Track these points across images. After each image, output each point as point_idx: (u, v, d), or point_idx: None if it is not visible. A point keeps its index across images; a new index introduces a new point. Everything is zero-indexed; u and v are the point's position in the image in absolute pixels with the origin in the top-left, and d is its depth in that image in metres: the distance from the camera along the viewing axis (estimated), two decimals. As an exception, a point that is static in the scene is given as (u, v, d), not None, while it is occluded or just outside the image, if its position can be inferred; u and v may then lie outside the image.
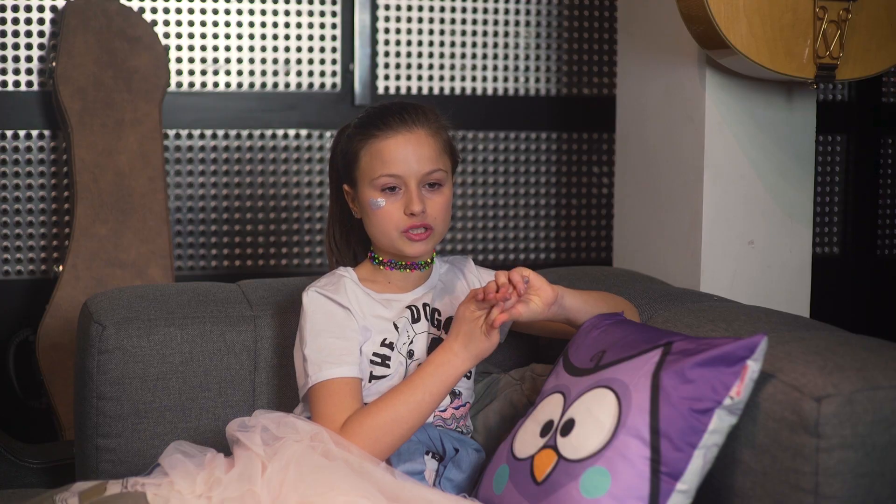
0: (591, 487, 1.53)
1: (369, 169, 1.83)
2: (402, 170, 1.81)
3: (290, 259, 3.22)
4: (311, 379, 1.76)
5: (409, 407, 1.72)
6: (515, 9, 3.32)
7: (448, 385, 1.74)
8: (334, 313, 1.81)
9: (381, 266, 1.89)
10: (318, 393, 1.75)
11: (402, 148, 1.82)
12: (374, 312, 1.84)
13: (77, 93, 2.89)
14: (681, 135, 2.54)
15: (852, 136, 3.57)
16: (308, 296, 1.83)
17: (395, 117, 1.84)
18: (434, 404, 1.74)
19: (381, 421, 1.70)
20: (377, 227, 1.84)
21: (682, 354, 1.57)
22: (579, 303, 1.80)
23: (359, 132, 1.86)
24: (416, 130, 1.83)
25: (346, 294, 1.83)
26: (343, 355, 1.77)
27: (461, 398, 1.88)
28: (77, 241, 2.86)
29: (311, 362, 1.76)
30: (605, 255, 3.44)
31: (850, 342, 1.63)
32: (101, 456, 1.95)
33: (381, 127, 1.83)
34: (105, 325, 1.94)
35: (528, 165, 3.37)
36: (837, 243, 3.60)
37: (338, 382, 1.74)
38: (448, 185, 1.86)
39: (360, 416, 1.71)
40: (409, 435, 1.73)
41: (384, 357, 1.82)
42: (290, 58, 3.17)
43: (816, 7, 2.28)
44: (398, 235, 1.82)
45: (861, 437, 1.46)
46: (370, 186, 1.83)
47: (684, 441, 1.52)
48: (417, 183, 1.82)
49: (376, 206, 1.82)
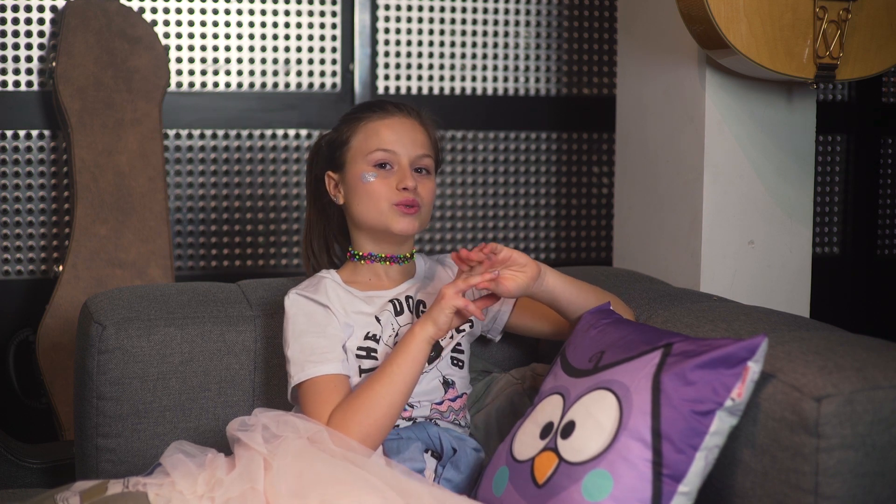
0: (593, 490, 1.53)
1: (363, 145, 1.87)
2: (396, 147, 1.86)
3: (290, 259, 3.22)
4: (294, 378, 1.77)
5: (382, 382, 1.72)
6: (515, 9, 3.32)
7: (411, 353, 1.73)
8: (314, 313, 1.82)
9: (361, 261, 1.90)
10: (304, 391, 1.76)
11: (397, 127, 1.88)
12: (356, 309, 1.85)
13: (77, 93, 2.89)
14: (681, 135, 2.54)
15: (852, 136, 3.57)
16: (289, 299, 1.85)
17: (388, 104, 1.92)
18: (407, 375, 1.73)
19: (359, 403, 1.71)
20: (366, 202, 1.86)
21: (683, 356, 1.57)
22: (563, 284, 1.81)
23: (351, 118, 1.92)
24: (410, 118, 1.91)
25: (327, 293, 1.85)
26: (325, 353, 1.78)
27: (455, 388, 1.87)
28: (77, 241, 2.86)
29: (295, 362, 1.78)
30: (605, 255, 3.44)
31: (850, 342, 1.63)
32: (101, 456, 1.95)
33: (376, 111, 1.90)
34: (105, 325, 1.94)
35: (528, 165, 3.37)
36: (837, 243, 3.60)
37: (322, 380, 1.75)
38: (433, 178, 1.91)
39: (341, 404, 1.73)
40: (392, 413, 1.72)
41: (369, 349, 1.83)
42: (290, 58, 3.17)
43: (816, 7, 2.28)
44: (388, 207, 1.85)
45: (861, 437, 1.46)
46: (363, 162, 1.87)
47: (686, 443, 1.52)
48: (409, 163, 1.86)
49: (366, 179, 1.85)
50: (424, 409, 1.83)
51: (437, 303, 1.74)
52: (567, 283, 1.83)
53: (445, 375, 1.86)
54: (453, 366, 1.88)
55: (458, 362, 1.89)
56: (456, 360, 1.89)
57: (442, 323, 1.73)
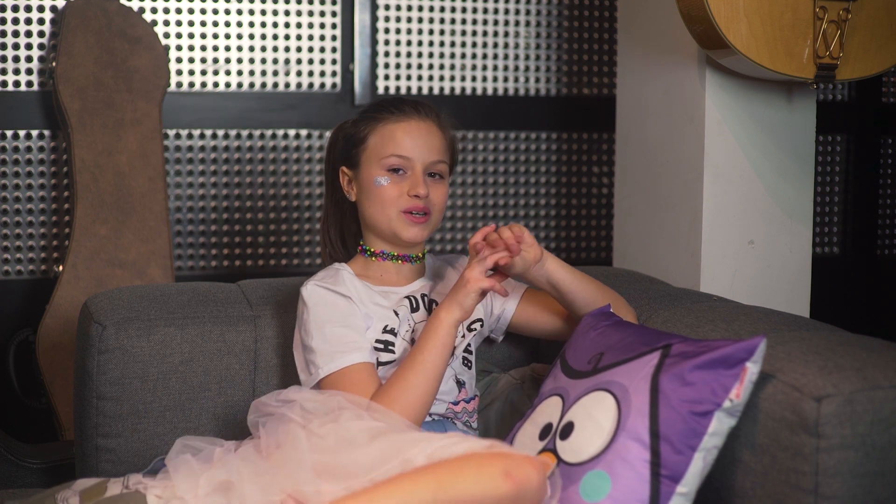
0: (591, 491, 1.53)
1: (379, 148, 1.87)
2: (411, 153, 1.86)
3: (290, 259, 3.22)
4: (323, 370, 1.77)
5: (416, 370, 1.73)
6: (515, 9, 3.32)
7: (441, 337, 1.75)
8: (337, 303, 1.82)
9: (373, 258, 1.91)
10: (336, 381, 1.76)
11: (414, 132, 1.87)
12: (374, 301, 1.86)
13: (77, 93, 2.89)
14: (681, 135, 2.54)
15: (852, 136, 3.57)
16: (307, 289, 1.84)
17: (409, 105, 1.90)
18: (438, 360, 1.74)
19: (396, 391, 1.72)
20: (378, 206, 1.86)
21: (681, 357, 1.57)
22: (563, 271, 1.84)
23: (369, 116, 1.91)
24: (428, 121, 1.90)
25: (346, 284, 1.85)
26: (353, 342, 1.78)
27: (466, 389, 1.89)
28: (77, 241, 2.86)
29: (321, 353, 1.77)
30: (605, 255, 3.44)
31: (850, 342, 1.63)
32: (101, 456, 1.95)
33: (393, 112, 1.89)
34: (105, 325, 1.94)
35: (528, 165, 3.37)
36: (837, 243, 3.60)
37: (354, 368, 1.76)
38: (447, 182, 1.91)
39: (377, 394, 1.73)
40: (427, 400, 1.74)
41: (387, 343, 1.84)
42: (290, 58, 3.17)
43: (816, 7, 2.28)
44: (396, 215, 1.85)
45: (861, 437, 1.46)
46: (377, 165, 1.86)
47: (684, 444, 1.52)
48: (423, 169, 1.86)
49: (379, 183, 1.85)
50: (441, 407, 1.85)
51: (462, 287, 1.76)
52: (568, 271, 1.85)
53: (457, 375, 1.88)
54: (464, 365, 1.89)
55: (468, 363, 1.91)
56: (466, 360, 1.91)
57: (468, 306, 1.76)
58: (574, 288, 1.85)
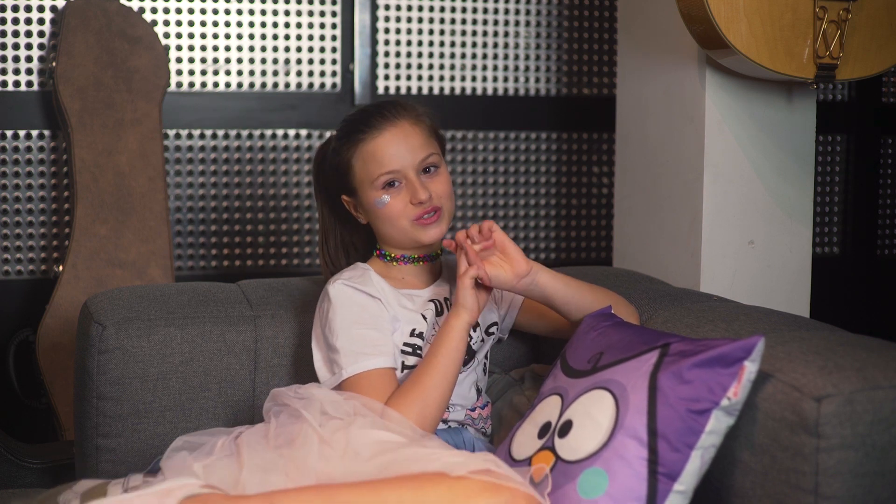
0: (588, 488, 1.53)
1: (366, 173, 1.84)
2: (398, 164, 1.83)
3: (290, 259, 3.22)
4: (347, 371, 1.76)
5: (431, 375, 1.73)
6: (515, 9, 3.32)
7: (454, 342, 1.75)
8: (366, 304, 1.81)
9: (393, 262, 1.90)
10: (358, 384, 1.75)
11: (392, 143, 1.84)
12: (401, 303, 1.86)
13: (77, 93, 2.89)
14: (681, 135, 2.54)
15: (852, 136, 3.57)
16: (335, 287, 1.83)
17: (376, 116, 1.85)
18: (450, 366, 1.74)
19: (412, 398, 1.72)
20: (389, 223, 1.86)
21: (680, 356, 1.57)
22: (559, 285, 1.82)
23: (344, 141, 1.87)
24: (400, 123, 1.85)
25: (374, 285, 1.84)
26: (379, 345, 1.78)
27: (481, 396, 1.89)
28: (77, 241, 2.86)
29: (346, 353, 1.77)
30: (605, 255, 3.44)
31: (850, 342, 1.63)
32: (101, 456, 1.95)
33: (364, 130, 1.85)
34: (105, 325, 1.94)
35: (528, 165, 3.37)
36: (837, 243, 3.60)
37: (377, 373, 1.75)
38: (443, 165, 1.88)
39: (392, 399, 1.73)
40: (442, 406, 1.73)
41: (415, 346, 1.83)
42: (290, 58, 3.17)
43: (816, 7, 2.28)
44: (410, 225, 1.84)
45: (861, 437, 1.46)
46: (371, 188, 1.84)
47: (682, 442, 1.53)
48: (415, 172, 1.84)
49: (382, 203, 1.84)
50: (459, 414, 1.84)
51: (457, 290, 1.77)
52: (563, 282, 1.83)
53: (478, 382, 1.88)
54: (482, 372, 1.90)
55: (485, 369, 1.92)
56: (484, 366, 1.92)
57: (470, 304, 1.76)
58: (570, 299, 1.83)
